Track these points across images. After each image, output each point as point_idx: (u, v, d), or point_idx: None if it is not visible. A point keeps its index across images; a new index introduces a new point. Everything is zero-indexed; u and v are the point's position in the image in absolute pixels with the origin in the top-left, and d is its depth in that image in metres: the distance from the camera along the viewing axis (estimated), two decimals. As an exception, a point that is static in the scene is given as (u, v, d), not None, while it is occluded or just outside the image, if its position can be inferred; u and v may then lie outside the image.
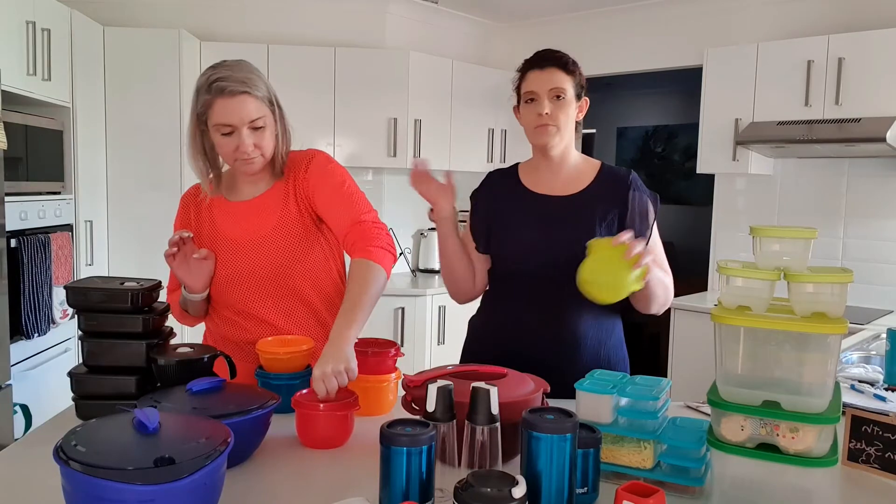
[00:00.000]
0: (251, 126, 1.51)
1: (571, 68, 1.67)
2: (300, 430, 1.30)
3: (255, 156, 1.54)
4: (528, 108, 1.68)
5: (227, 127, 1.51)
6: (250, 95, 1.50)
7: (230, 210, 1.65)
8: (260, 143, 1.54)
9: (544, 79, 1.65)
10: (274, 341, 1.52)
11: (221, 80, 1.49)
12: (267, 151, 1.56)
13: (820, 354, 1.04)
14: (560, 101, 1.65)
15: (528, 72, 1.68)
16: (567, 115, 1.66)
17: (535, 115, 1.66)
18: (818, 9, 3.66)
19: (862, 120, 3.19)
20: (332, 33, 4.25)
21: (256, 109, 1.51)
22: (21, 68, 2.83)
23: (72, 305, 1.41)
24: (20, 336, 2.77)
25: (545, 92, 1.64)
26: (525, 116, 1.70)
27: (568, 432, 0.97)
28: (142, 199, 3.60)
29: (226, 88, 1.48)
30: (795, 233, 1.11)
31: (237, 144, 1.52)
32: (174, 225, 1.72)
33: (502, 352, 1.61)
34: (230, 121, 1.50)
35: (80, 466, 0.85)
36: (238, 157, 1.54)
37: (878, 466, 1.18)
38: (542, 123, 1.65)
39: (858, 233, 3.58)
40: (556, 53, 1.68)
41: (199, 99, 1.52)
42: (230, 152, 1.54)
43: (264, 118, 1.53)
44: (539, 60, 1.67)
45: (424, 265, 4.64)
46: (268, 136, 1.55)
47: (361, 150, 4.10)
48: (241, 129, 1.51)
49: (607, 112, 6.62)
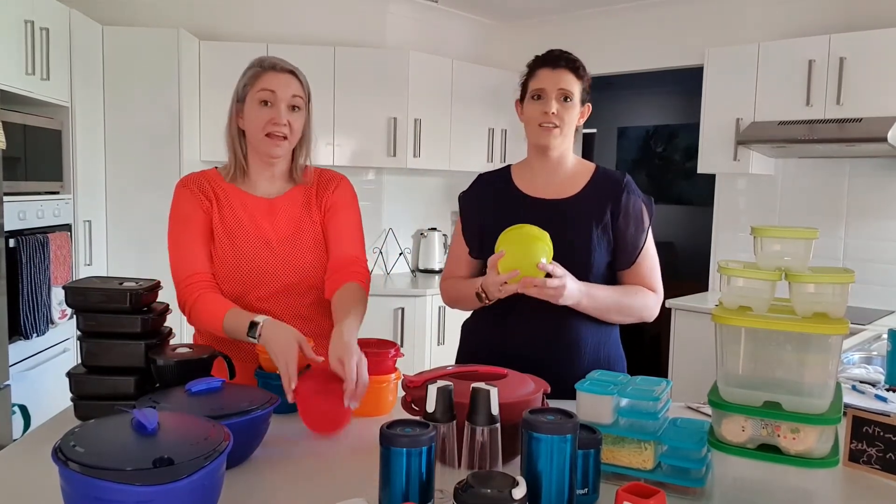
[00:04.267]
0: (290, 103, 1.59)
1: (581, 73, 1.68)
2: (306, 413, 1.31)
3: (286, 132, 1.59)
4: (533, 105, 1.67)
5: (269, 93, 1.57)
6: (296, 77, 1.62)
7: (249, 203, 1.64)
8: (293, 123, 1.60)
9: (555, 78, 1.65)
10: None
11: (273, 59, 1.62)
12: (295, 136, 1.62)
13: (821, 355, 1.04)
14: (567, 102, 1.65)
15: (539, 69, 1.68)
16: (571, 118, 1.66)
17: (541, 113, 1.65)
18: (819, 8, 3.66)
19: (863, 120, 3.19)
20: (332, 33, 4.25)
21: (298, 89, 1.61)
22: (20, 68, 2.83)
23: (70, 306, 1.40)
24: (19, 336, 2.76)
25: (554, 91, 1.64)
26: (529, 112, 1.69)
27: (568, 433, 0.97)
28: (141, 199, 3.60)
29: (277, 65, 1.61)
30: (796, 233, 1.10)
31: (273, 116, 1.58)
32: (181, 210, 1.62)
33: (498, 356, 1.56)
34: (275, 88, 1.58)
35: (79, 467, 0.85)
36: (270, 130, 1.58)
37: (879, 467, 1.17)
38: (546, 122, 1.65)
39: (859, 233, 3.58)
40: (568, 55, 1.69)
41: (246, 74, 1.62)
42: (264, 123, 1.58)
43: (303, 102, 1.62)
44: (552, 59, 1.67)
45: (424, 265, 4.64)
46: (299, 120, 1.62)
47: (361, 150, 4.10)
48: (280, 104, 1.58)
49: (608, 112, 6.62)
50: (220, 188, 1.64)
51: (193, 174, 1.68)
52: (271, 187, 1.67)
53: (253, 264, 1.61)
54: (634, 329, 1.70)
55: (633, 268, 1.69)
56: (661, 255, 1.76)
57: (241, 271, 1.61)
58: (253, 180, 1.66)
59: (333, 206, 1.68)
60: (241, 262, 1.61)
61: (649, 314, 1.70)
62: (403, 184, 4.62)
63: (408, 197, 4.65)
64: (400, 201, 4.58)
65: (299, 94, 1.61)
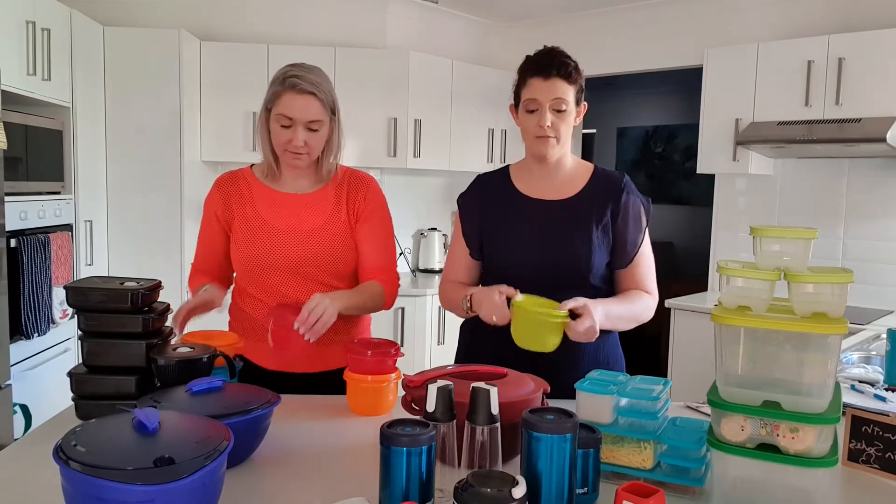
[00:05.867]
0: (308, 126, 1.66)
1: (574, 76, 1.62)
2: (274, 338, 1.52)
3: (304, 153, 1.68)
4: (528, 118, 1.64)
5: (287, 119, 1.65)
6: (316, 98, 1.66)
7: (276, 199, 1.75)
8: (311, 143, 1.67)
9: (547, 89, 1.60)
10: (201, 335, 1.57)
11: (296, 77, 1.65)
12: (314, 152, 1.71)
13: (820, 355, 1.04)
14: (562, 112, 1.62)
15: (531, 78, 1.63)
16: (568, 126, 1.64)
17: (536, 126, 1.62)
18: (818, 9, 3.66)
19: (862, 120, 3.19)
20: (332, 33, 4.25)
21: (316, 112, 1.66)
22: (21, 68, 2.83)
23: (72, 305, 1.41)
24: (20, 336, 2.77)
25: (547, 102, 1.60)
26: (525, 124, 1.66)
27: (568, 432, 0.97)
28: (142, 199, 3.60)
29: (297, 85, 1.64)
30: (796, 233, 1.11)
31: (291, 138, 1.66)
32: (205, 208, 1.81)
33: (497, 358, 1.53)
34: (292, 114, 1.64)
35: (80, 466, 0.85)
36: (288, 150, 1.68)
37: (878, 467, 1.18)
38: (542, 135, 1.62)
39: (858, 233, 3.58)
40: (558, 59, 1.62)
41: (270, 89, 1.68)
42: (283, 143, 1.67)
43: (321, 123, 1.68)
44: (542, 68, 1.61)
45: (424, 265, 4.64)
46: (319, 139, 1.70)
47: (361, 150, 4.10)
48: (298, 126, 1.65)
49: (607, 112, 6.63)
50: (251, 186, 1.77)
51: (228, 174, 1.81)
52: (301, 186, 1.78)
53: (270, 254, 1.71)
54: (634, 329, 1.70)
55: (630, 268, 1.69)
56: (661, 255, 1.76)
57: (260, 261, 1.71)
58: (284, 179, 1.78)
59: (364, 212, 1.78)
60: (259, 252, 1.71)
61: (649, 317, 1.71)
62: (404, 184, 4.62)
63: (408, 197, 4.65)
64: (400, 201, 4.58)
65: (317, 118, 1.66)
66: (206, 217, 1.81)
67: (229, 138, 3.92)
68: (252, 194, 1.76)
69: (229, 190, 1.77)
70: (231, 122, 3.88)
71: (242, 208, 1.75)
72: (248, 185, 1.77)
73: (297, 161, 1.69)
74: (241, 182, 1.78)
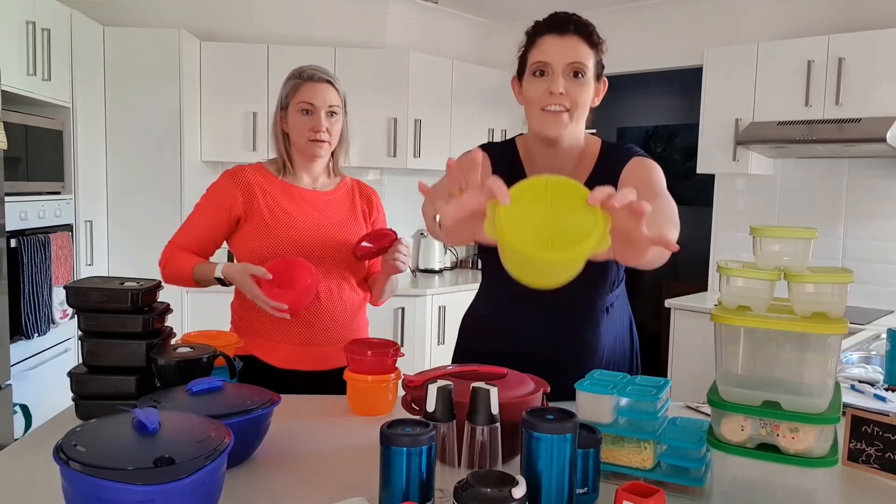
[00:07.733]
0: (328, 110, 1.77)
1: (596, 40, 1.34)
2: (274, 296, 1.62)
3: (325, 140, 1.78)
4: (536, 83, 1.33)
5: (308, 105, 1.75)
6: (332, 86, 1.79)
7: (294, 192, 1.82)
8: (331, 128, 1.79)
9: (563, 49, 1.30)
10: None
11: (311, 69, 1.79)
12: (335, 139, 1.82)
13: (820, 355, 1.04)
14: (579, 79, 1.31)
15: (543, 36, 1.34)
16: (585, 99, 1.33)
17: (545, 93, 1.32)
18: (818, 9, 3.66)
19: (862, 120, 3.19)
20: (332, 33, 4.25)
21: (335, 98, 1.79)
22: (21, 68, 2.83)
23: (72, 305, 1.41)
24: (20, 336, 2.77)
25: (562, 65, 1.30)
26: (531, 92, 1.35)
27: (568, 432, 0.97)
28: (142, 200, 3.60)
29: (314, 76, 1.78)
30: (795, 233, 1.10)
31: (314, 124, 1.76)
32: (213, 194, 1.80)
33: (499, 352, 1.49)
34: (313, 100, 1.76)
35: (80, 466, 0.85)
36: (311, 136, 1.76)
37: (878, 467, 1.18)
38: (552, 104, 1.32)
39: (858, 233, 3.58)
40: (579, 18, 1.33)
41: (286, 85, 1.80)
42: (305, 130, 1.76)
43: (339, 110, 1.80)
44: (558, 24, 1.33)
45: (424, 265, 4.64)
46: (337, 127, 1.81)
47: (362, 150, 4.10)
48: (320, 112, 1.76)
49: (607, 112, 6.61)
50: (267, 181, 1.81)
51: (243, 167, 1.84)
52: (314, 181, 1.87)
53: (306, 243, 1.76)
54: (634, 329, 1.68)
55: None
56: (660, 256, 1.74)
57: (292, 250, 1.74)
58: (297, 175, 1.85)
59: (377, 223, 1.93)
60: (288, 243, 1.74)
61: (667, 248, 1.03)
62: (404, 184, 4.62)
63: (408, 197, 4.65)
64: (400, 201, 4.57)
65: (336, 103, 1.79)
66: (209, 203, 1.79)
67: (229, 138, 3.92)
68: (271, 186, 1.80)
69: (249, 180, 1.79)
70: (231, 122, 3.89)
71: (265, 198, 1.78)
72: (266, 178, 1.81)
73: (320, 149, 1.78)
74: (257, 174, 1.82)
